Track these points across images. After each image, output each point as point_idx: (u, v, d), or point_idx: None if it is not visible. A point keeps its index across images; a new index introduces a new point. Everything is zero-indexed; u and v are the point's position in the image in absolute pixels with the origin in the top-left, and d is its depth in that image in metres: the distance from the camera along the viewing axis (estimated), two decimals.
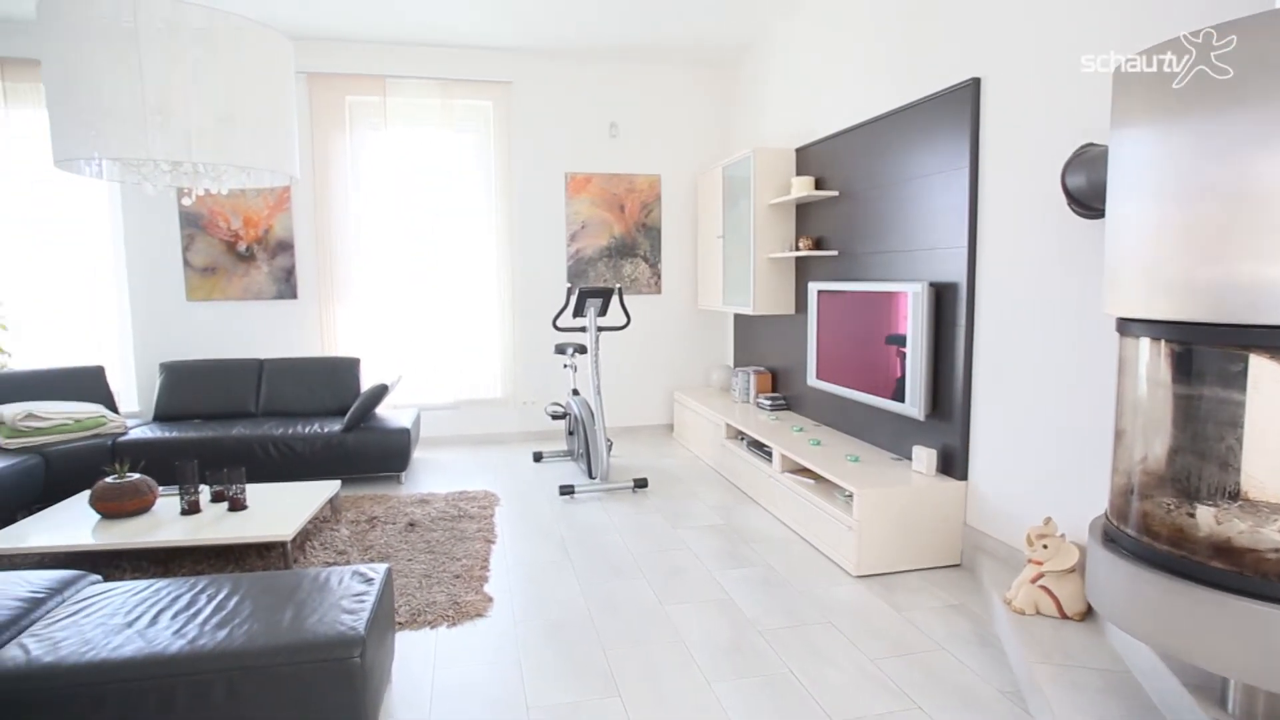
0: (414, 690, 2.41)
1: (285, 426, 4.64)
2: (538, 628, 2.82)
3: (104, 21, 2.67)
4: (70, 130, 2.74)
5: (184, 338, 5.45)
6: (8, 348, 5.10)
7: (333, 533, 3.74)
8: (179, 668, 1.88)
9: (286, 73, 3.15)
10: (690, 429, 5.71)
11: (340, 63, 5.46)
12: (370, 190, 5.66)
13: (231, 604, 2.15)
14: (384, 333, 5.75)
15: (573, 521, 4.04)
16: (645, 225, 6.13)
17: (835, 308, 4.17)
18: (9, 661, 1.87)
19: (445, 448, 5.76)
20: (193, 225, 5.41)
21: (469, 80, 5.68)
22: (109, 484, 3.37)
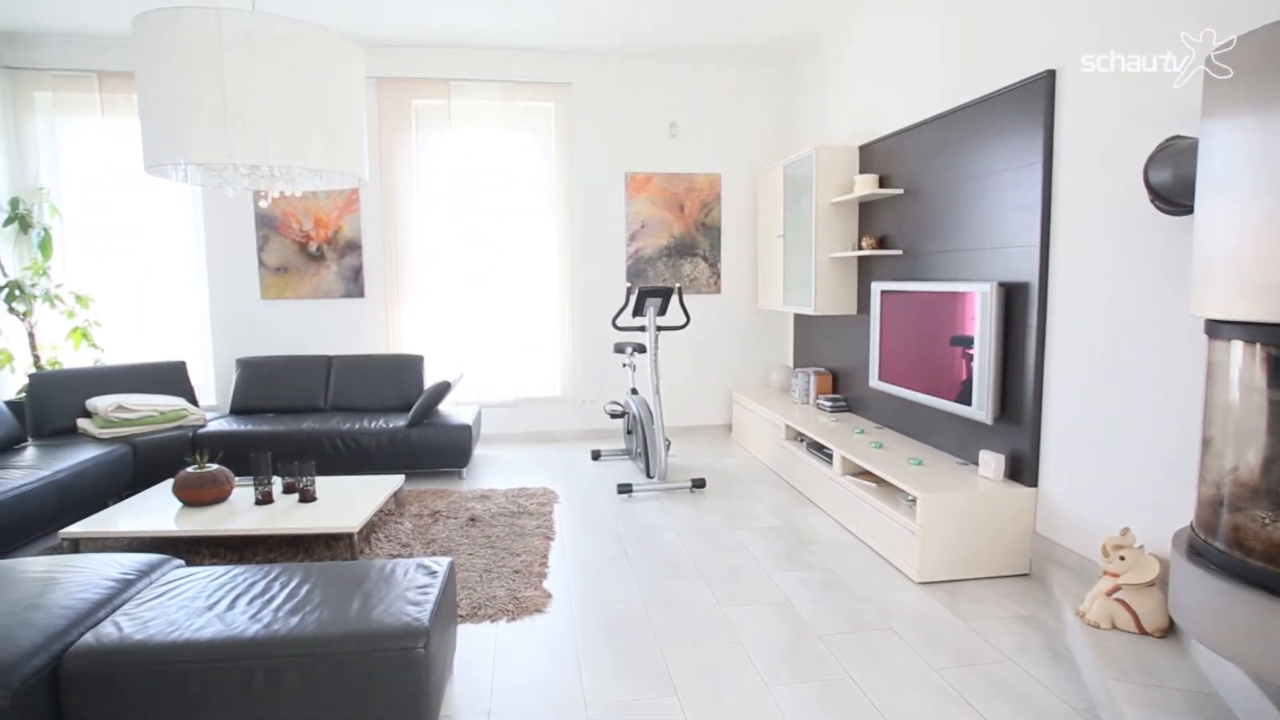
0: (474, 683, 2.45)
1: (352, 421, 4.79)
2: (596, 625, 2.84)
3: (191, 34, 2.79)
4: (160, 137, 2.88)
5: (258, 335, 5.68)
6: (101, 344, 5.40)
7: (397, 525, 3.84)
8: (255, 651, 1.95)
9: (357, 78, 3.24)
10: (749, 430, 5.66)
11: (407, 67, 5.60)
12: (434, 191, 5.79)
13: (303, 592, 2.23)
14: (447, 331, 5.87)
15: (631, 520, 4.05)
16: (705, 225, 6.11)
17: (899, 308, 4.07)
18: (106, 637, 1.98)
19: (505, 444, 5.85)
20: (267, 226, 5.63)
21: (530, 82, 5.76)
22: (190, 474, 3.53)
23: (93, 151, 5.46)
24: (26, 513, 3.54)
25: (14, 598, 2.18)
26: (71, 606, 2.13)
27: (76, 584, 2.28)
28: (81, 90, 5.39)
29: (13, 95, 5.32)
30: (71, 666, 1.92)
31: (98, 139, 5.44)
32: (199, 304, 5.68)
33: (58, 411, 4.58)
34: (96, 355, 5.40)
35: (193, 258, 5.63)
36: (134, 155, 5.35)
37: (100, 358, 5.41)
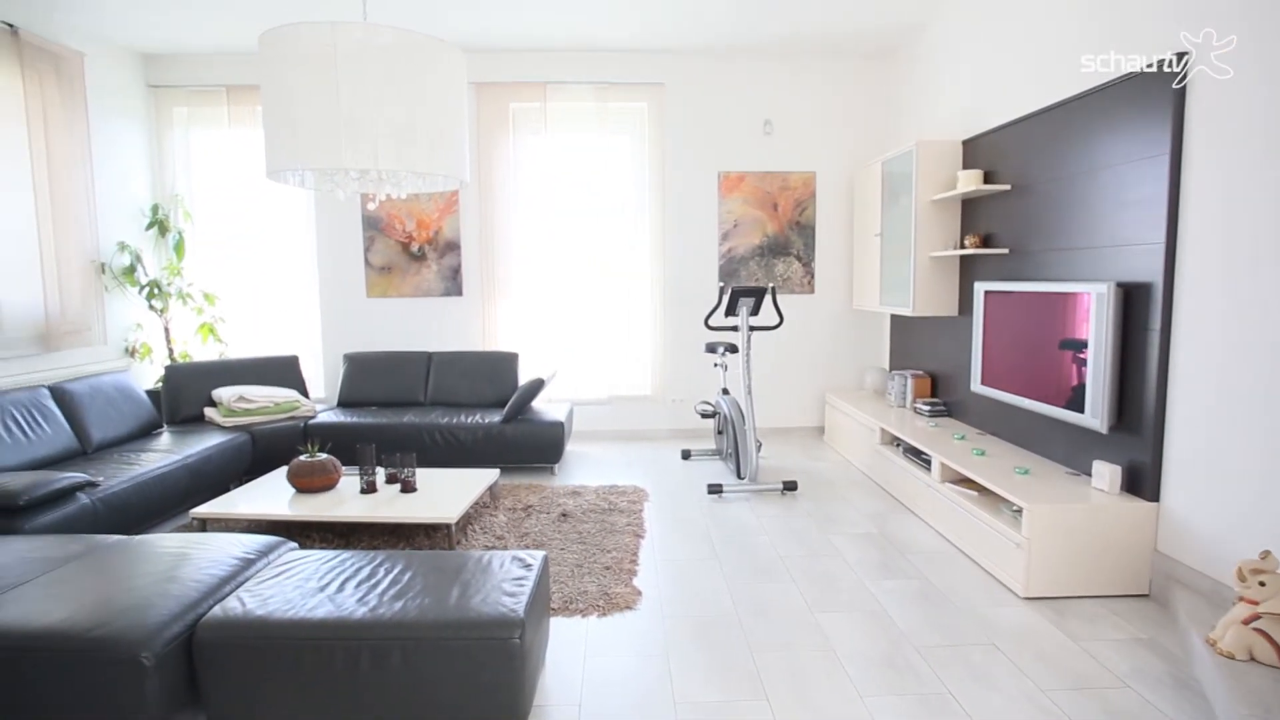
0: (566, 675, 2.50)
1: (450, 416, 4.97)
2: (686, 625, 2.84)
3: (310, 47, 2.96)
4: (280, 144, 3.06)
5: (364, 331, 5.97)
6: (225, 338, 5.80)
7: (491, 518, 3.96)
8: (362, 632, 2.06)
9: (460, 84, 3.35)
10: (842, 432, 5.53)
11: (505, 72, 5.75)
12: (529, 192, 5.93)
13: (405, 579, 2.33)
14: (541, 329, 6.01)
15: (721, 521, 4.03)
16: (799, 223, 6.01)
17: (1005, 309, 3.89)
18: (232, 611, 2.14)
19: (596, 442, 5.93)
20: (373, 228, 5.91)
21: (623, 83, 5.81)
22: (302, 462, 3.75)
23: (220, 160, 5.88)
24: (163, 492, 3.85)
25: (153, 570, 2.38)
26: (202, 581, 2.30)
27: (205, 560, 2.46)
28: (211, 104, 5.81)
29: (155, 111, 5.79)
30: (203, 635, 2.08)
31: (225, 148, 5.86)
32: (311, 301, 6.03)
33: (188, 400, 4.95)
34: (221, 349, 5.81)
35: (306, 258, 5.97)
36: (257, 163, 5.73)
37: (224, 351, 5.82)
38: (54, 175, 4.71)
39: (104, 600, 2.14)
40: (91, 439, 4.23)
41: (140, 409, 4.67)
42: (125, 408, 4.56)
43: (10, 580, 2.30)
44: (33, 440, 3.86)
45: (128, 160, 5.55)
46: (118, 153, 5.43)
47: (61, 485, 3.28)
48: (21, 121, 4.50)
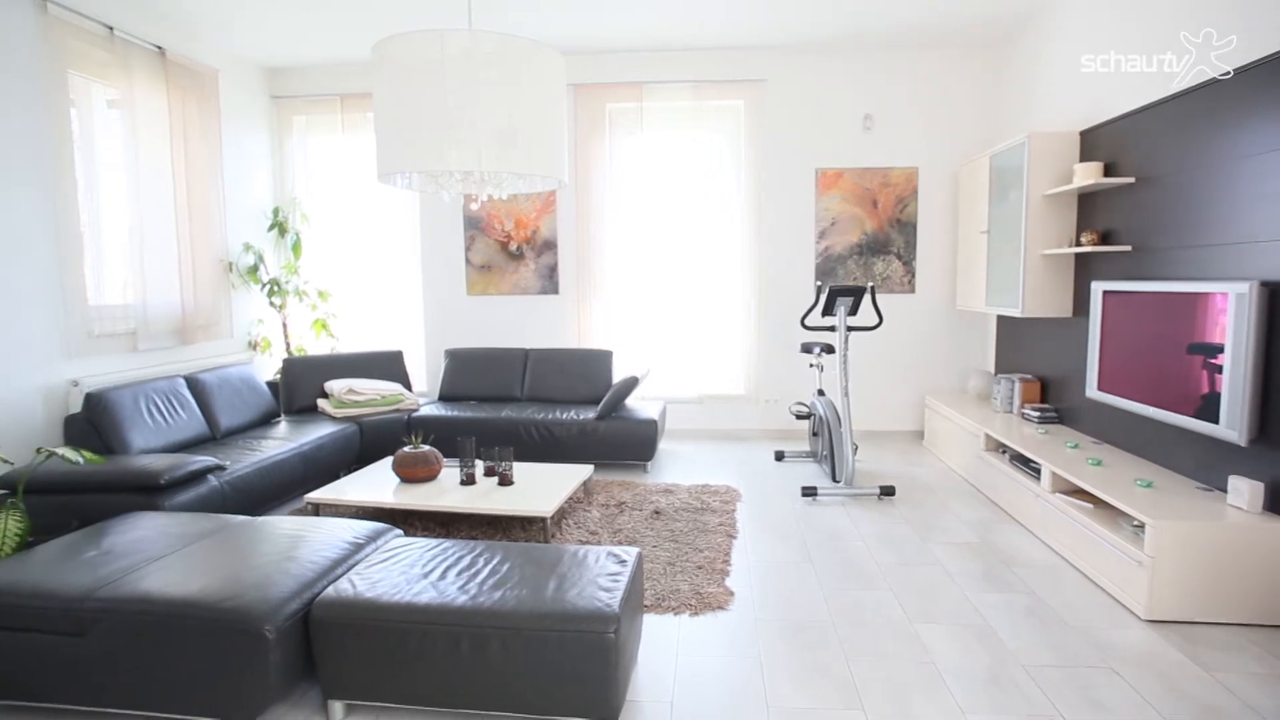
0: (658, 672, 2.51)
1: (546, 412, 5.07)
2: (778, 628, 2.80)
3: (419, 55, 3.09)
4: (391, 148, 3.21)
5: (464, 328, 6.18)
6: (336, 333, 6.13)
7: (585, 513, 4.02)
8: (463, 619, 2.13)
9: (560, 87, 3.42)
10: (943, 437, 5.32)
11: (602, 72, 5.83)
12: (625, 192, 5.99)
13: (504, 569, 2.40)
14: (635, 327, 6.06)
15: (814, 524, 3.96)
16: (900, 221, 5.82)
17: (1126, 310, 3.64)
18: (344, 592, 2.26)
19: (688, 440, 5.93)
20: (474, 228, 6.10)
21: (720, 81, 5.78)
22: (407, 453, 3.91)
23: (333, 164, 6.22)
24: (281, 477, 4.10)
25: (274, 550, 2.53)
26: (317, 562, 2.44)
27: (319, 543, 2.60)
28: (326, 112, 6.15)
29: (277, 120, 6.18)
30: (318, 613, 2.20)
31: (338, 153, 6.19)
32: (414, 299, 6.29)
33: (303, 392, 5.26)
34: (333, 344, 6.14)
35: (411, 257, 6.24)
36: (367, 166, 6.03)
37: (335, 346, 6.15)
38: (192, 183, 5.10)
39: (232, 576, 2.30)
40: (220, 426, 4.55)
41: (261, 399, 5.00)
42: (249, 397, 4.89)
43: (154, 552, 2.50)
44: (171, 425, 4.19)
45: (252, 167, 5.94)
46: (244, 160, 5.83)
47: (195, 468, 3.55)
48: (166, 134, 4.89)
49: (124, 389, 4.09)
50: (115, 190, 4.62)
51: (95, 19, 4.40)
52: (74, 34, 4.28)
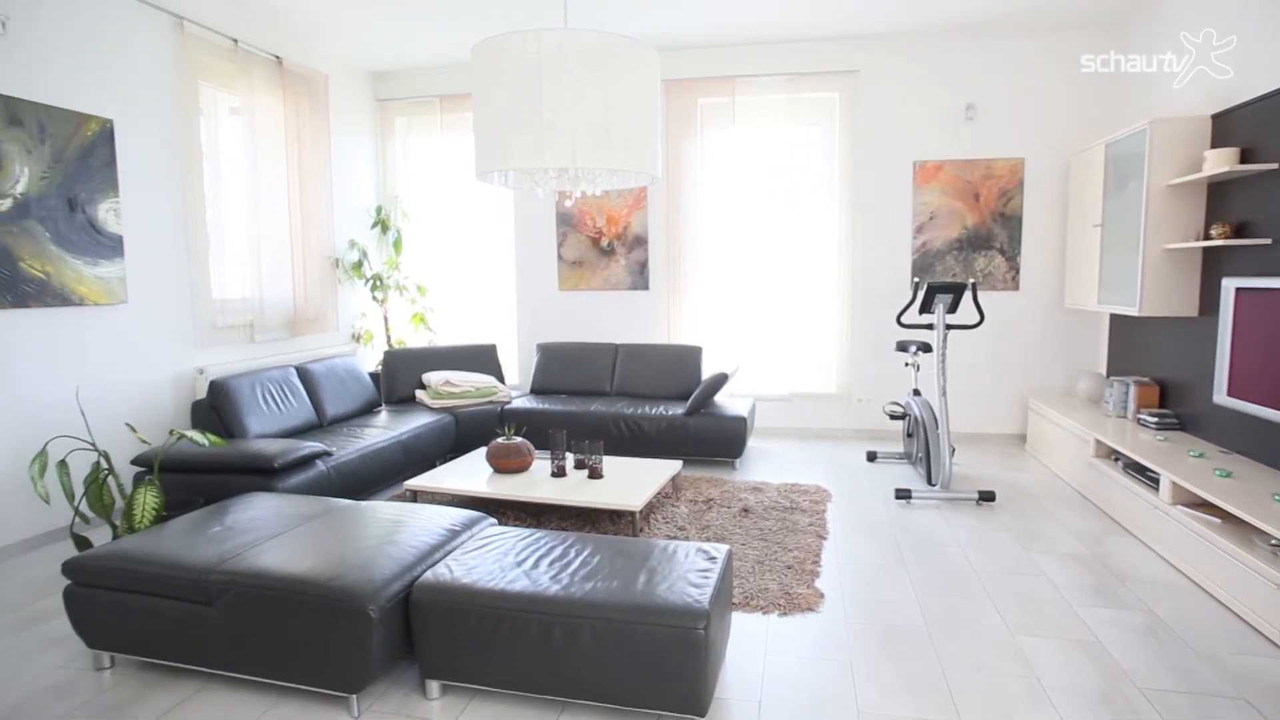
0: (746, 671, 2.49)
1: (635, 406, 5.11)
2: (871, 632, 2.73)
3: (516, 55, 3.15)
4: (489, 147, 3.29)
5: (555, 322, 6.29)
6: (434, 327, 6.36)
7: (673, 509, 4.03)
8: (555, 608, 2.17)
9: (654, 83, 3.42)
10: (1047, 442, 5.05)
11: (694, 68, 5.81)
12: (716, 187, 5.95)
13: (595, 561, 2.43)
14: (724, 323, 6.02)
15: (909, 528, 3.83)
16: (1003, 214, 5.55)
17: (1263, 309, 3.35)
18: (441, 576, 2.34)
19: (777, 438, 5.85)
20: (566, 224, 6.20)
21: (815, 73, 5.67)
22: (500, 444, 4.02)
23: (432, 163, 6.45)
24: (382, 464, 4.29)
25: (376, 533, 2.65)
26: (416, 547, 2.53)
27: (418, 529, 2.70)
28: (426, 113, 6.38)
29: (381, 122, 6.46)
30: (418, 596, 2.29)
31: (437, 153, 6.41)
32: (508, 293, 6.45)
33: (402, 383, 5.48)
34: (430, 337, 6.37)
35: (505, 253, 6.40)
36: (464, 165, 6.22)
37: (433, 339, 6.38)
38: (303, 184, 5.39)
39: (339, 556, 2.42)
40: (326, 414, 4.80)
41: (364, 389, 5.24)
42: (353, 387, 5.13)
43: (270, 531, 2.67)
44: (283, 412, 4.45)
45: (358, 167, 6.23)
46: (350, 161, 6.11)
47: (305, 453, 3.76)
48: (281, 139, 5.19)
49: (242, 377, 4.36)
50: (235, 192, 4.93)
51: (222, 33, 4.71)
52: (204, 48, 4.59)
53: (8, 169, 3.53)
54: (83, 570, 2.49)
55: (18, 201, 3.57)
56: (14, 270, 3.56)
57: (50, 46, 3.74)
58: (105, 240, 4.00)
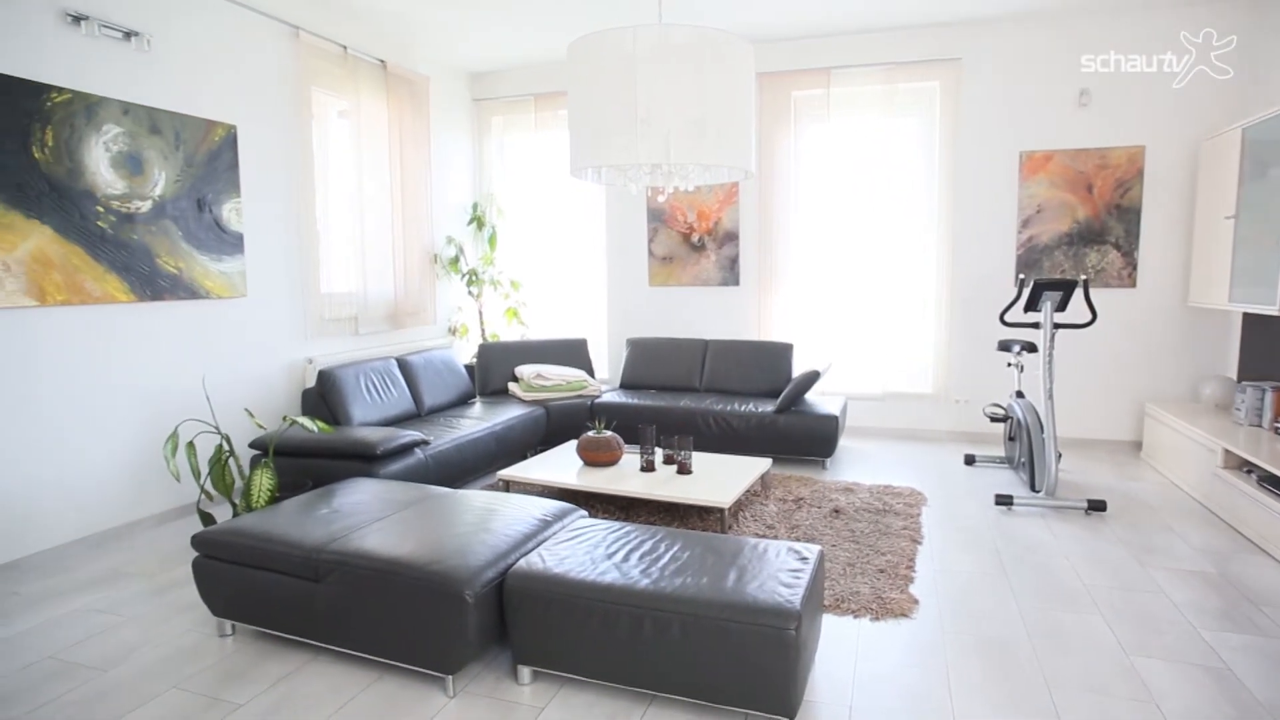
0: (836, 675, 2.44)
1: (724, 403, 5.08)
2: (969, 642, 2.63)
3: (611, 52, 3.18)
4: (583, 144, 3.34)
5: (645, 318, 6.32)
6: (526, 321, 6.51)
7: (762, 507, 3.98)
8: (646, 601, 2.19)
9: (748, 76, 3.38)
10: (1166, 450, 4.72)
11: (788, 60, 5.71)
12: (809, 181, 5.84)
13: (684, 557, 2.43)
14: (816, 320, 5.91)
15: (1009, 535, 3.66)
16: (1120, 207, 5.21)
17: None
18: (534, 565, 2.40)
19: (869, 438, 5.70)
20: (656, 220, 6.22)
21: (914, 62, 5.46)
22: (591, 437, 4.08)
23: (526, 161, 6.60)
24: (476, 454, 4.43)
25: (471, 521, 2.73)
26: (510, 535, 2.60)
27: (511, 518, 2.77)
28: (521, 112, 6.52)
29: (477, 122, 6.65)
30: (511, 583, 2.35)
31: (531, 150, 6.55)
32: (599, 289, 6.53)
33: (496, 375, 5.64)
34: (523, 330, 6.52)
35: (596, 249, 6.48)
36: (557, 161, 6.34)
37: (525, 333, 6.52)
38: (405, 182, 5.61)
39: (436, 541, 2.51)
40: (424, 404, 4.99)
41: (460, 380, 5.42)
42: (449, 379, 5.31)
43: (373, 515, 2.80)
44: (384, 401, 4.66)
45: (455, 165, 6.43)
46: (449, 159, 6.32)
47: (405, 441, 3.92)
48: (385, 139, 5.42)
49: (347, 368, 4.59)
50: (342, 191, 5.18)
51: (333, 40, 4.95)
52: (317, 55, 4.84)
53: (148, 174, 3.83)
54: (208, 544, 2.68)
55: (156, 203, 3.87)
56: (152, 266, 3.86)
57: (185, 60, 4.03)
58: (228, 238, 4.28)
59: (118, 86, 3.70)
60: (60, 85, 3.44)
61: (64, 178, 3.46)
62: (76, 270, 3.52)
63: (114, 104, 3.66)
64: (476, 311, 6.50)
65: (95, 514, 3.68)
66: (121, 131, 3.70)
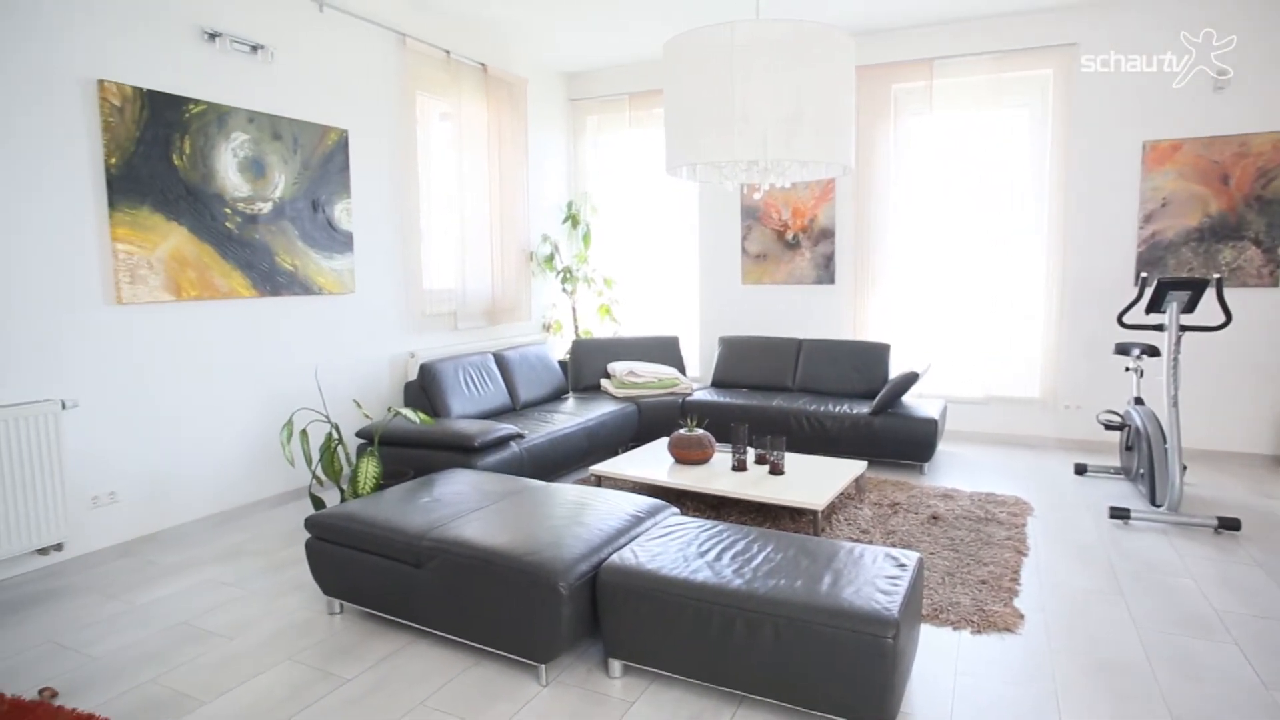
0: (934, 688, 2.35)
1: (817, 404, 4.98)
2: (1082, 663, 2.48)
3: (709, 49, 3.16)
4: (680, 142, 3.33)
5: (737, 316, 6.27)
6: (618, 318, 6.58)
7: (856, 510, 3.88)
8: (739, 602, 2.17)
9: (848, 70, 3.30)
10: None
11: (888, 52, 5.53)
12: (909, 176, 5.64)
13: (777, 558, 2.40)
14: (914, 320, 5.71)
15: (1126, 552, 3.43)
16: (1261, 198, 4.78)
17: None
18: (627, 560, 2.42)
19: (969, 444, 5.46)
20: (750, 217, 6.15)
21: (1024, 49, 5.18)
22: (683, 435, 4.08)
23: (620, 160, 6.66)
24: (568, 449, 4.51)
25: (565, 514, 2.79)
26: (603, 530, 2.63)
27: (604, 512, 2.80)
28: (615, 111, 6.58)
29: (572, 122, 6.76)
30: (604, 577, 2.38)
31: (624, 149, 6.61)
32: (691, 286, 6.52)
33: (589, 371, 5.72)
34: (615, 328, 6.59)
35: (689, 246, 6.47)
36: (651, 160, 6.37)
37: (618, 330, 6.59)
38: (503, 182, 5.77)
39: (531, 533, 2.57)
40: (519, 398, 5.12)
41: (553, 376, 5.53)
42: (543, 374, 5.43)
43: (471, 505, 2.89)
44: (481, 395, 4.80)
45: (551, 164, 6.56)
46: (544, 159, 6.45)
47: (501, 434, 4.03)
48: (484, 140, 5.58)
49: (447, 361, 4.75)
50: (443, 191, 5.37)
51: (437, 46, 5.14)
52: (422, 61, 5.04)
53: (270, 177, 4.08)
54: (319, 527, 2.84)
55: (276, 205, 4.12)
56: (271, 264, 4.12)
57: (303, 70, 4.27)
58: (339, 237, 4.51)
59: (245, 97, 3.96)
60: (197, 97, 3.71)
61: (198, 183, 3.73)
62: (207, 267, 3.79)
63: (241, 113, 3.92)
64: (570, 308, 6.61)
65: (221, 494, 3.96)
66: (248, 138, 3.96)
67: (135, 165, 3.46)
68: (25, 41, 3.12)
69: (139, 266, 3.50)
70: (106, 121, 3.35)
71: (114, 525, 3.51)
